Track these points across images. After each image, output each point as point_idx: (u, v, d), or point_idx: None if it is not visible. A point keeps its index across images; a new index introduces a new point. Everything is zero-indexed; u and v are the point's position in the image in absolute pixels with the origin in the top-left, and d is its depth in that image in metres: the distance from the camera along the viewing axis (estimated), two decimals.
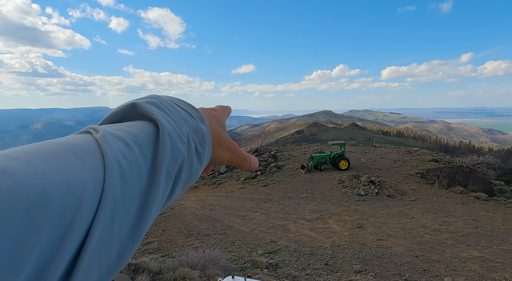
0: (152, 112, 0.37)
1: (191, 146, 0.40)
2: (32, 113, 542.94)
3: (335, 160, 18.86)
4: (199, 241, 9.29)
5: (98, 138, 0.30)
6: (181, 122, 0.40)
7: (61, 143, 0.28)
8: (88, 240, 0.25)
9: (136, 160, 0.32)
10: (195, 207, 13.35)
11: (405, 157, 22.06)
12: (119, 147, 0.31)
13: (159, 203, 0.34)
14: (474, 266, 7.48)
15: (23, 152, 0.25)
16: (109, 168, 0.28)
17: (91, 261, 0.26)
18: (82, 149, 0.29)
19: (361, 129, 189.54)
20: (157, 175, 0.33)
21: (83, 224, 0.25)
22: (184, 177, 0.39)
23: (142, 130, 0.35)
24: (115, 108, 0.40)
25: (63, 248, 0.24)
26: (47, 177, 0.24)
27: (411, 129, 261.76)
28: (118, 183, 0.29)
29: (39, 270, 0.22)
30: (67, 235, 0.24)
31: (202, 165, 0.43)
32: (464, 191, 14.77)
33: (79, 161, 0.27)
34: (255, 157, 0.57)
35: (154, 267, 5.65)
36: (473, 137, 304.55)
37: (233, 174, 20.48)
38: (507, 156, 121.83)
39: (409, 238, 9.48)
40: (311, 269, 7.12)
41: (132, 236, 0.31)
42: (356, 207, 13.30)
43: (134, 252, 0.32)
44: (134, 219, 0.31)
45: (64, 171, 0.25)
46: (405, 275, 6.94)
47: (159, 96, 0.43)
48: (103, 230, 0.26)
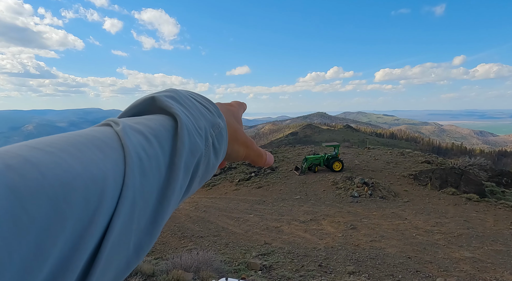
0: (171, 106, 0.37)
1: (209, 141, 0.40)
2: (24, 115, 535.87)
3: (329, 161, 18.92)
4: (193, 243, 9.26)
5: (119, 131, 0.30)
6: (199, 117, 0.40)
7: (83, 134, 0.29)
8: (109, 232, 0.25)
9: (155, 154, 0.32)
10: (189, 209, 13.30)
11: (398, 158, 22.24)
12: (138, 140, 0.31)
13: (177, 197, 0.34)
14: (465, 267, 7.56)
15: (46, 143, 0.25)
16: (129, 161, 0.28)
17: (111, 254, 0.26)
18: (103, 141, 0.29)
19: (355, 131, 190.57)
20: (176, 169, 0.33)
21: (105, 216, 0.25)
22: (201, 172, 0.39)
23: (161, 124, 0.35)
24: (134, 102, 0.40)
25: (86, 238, 0.24)
26: (70, 168, 0.24)
27: (404, 131, 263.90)
28: (138, 176, 0.29)
29: (63, 260, 0.22)
30: (90, 226, 0.24)
31: (219, 160, 0.43)
32: (456, 192, 14.92)
33: (100, 153, 0.27)
34: (271, 154, 0.56)
35: (148, 270, 5.61)
36: (465, 139, 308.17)
37: (227, 176, 20.44)
38: (498, 157, 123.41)
39: (402, 239, 9.55)
40: (305, 270, 7.14)
41: (150, 230, 0.31)
42: (350, 208, 13.36)
43: (151, 246, 0.32)
44: (152, 212, 0.31)
45: (86, 163, 0.25)
46: (398, 276, 6.99)
47: (178, 91, 0.42)
48: (123, 222, 0.27)
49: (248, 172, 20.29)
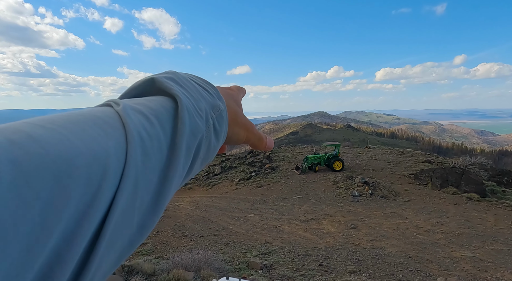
0: (171, 87, 0.37)
1: (209, 123, 0.40)
2: (25, 114, 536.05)
3: (329, 161, 18.92)
4: (194, 242, 9.27)
5: (119, 110, 0.30)
6: (199, 98, 0.40)
7: (84, 114, 0.29)
8: (112, 209, 0.26)
9: (156, 134, 0.32)
10: (190, 208, 13.31)
11: (399, 158, 22.23)
12: (139, 120, 0.31)
13: (179, 177, 0.34)
14: (466, 266, 7.56)
15: (48, 121, 0.25)
16: (131, 140, 0.28)
17: (115, 231, 0.26)
18: (104, 120, 0.29)
19: (355, 130, 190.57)
20: (177, 149, 0.33)
21: (108, 193, 0.25)
22: (202, 153, 0.39)
23: (161, 105, 0.35)
24: (134, 83, 0.40)
25: (90, 215, 0.24)
26: (73, 145, 0.24)
27: (404, 131, 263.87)
28: (140, 155, 0.29)
29: (68, 235, 0.23)
30: (93, 202, 0.24)
31: (220, 142, 0.44)
32: (457, 191, 14.91)
33: (102, 132, 0.27)
34: (271, 138, 0.57)
35: (148, 269, 5.62)
36: (465, 139, 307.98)
37: (227, 175, 20.46)
38: (498, 157, 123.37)
39: (402, 239, 9.55)
40: (305, 270, 7.14)
41: (153, 209, 0.31)
42: (350, 207, 13.36)
43: (154, 225, 0.32)
44: (154, 192, 0.31)
45: (88, 140, 0.25)
46: (399, 275, 6.99)
47: (177, 72, 0.42)
48: (126, 201, 0.27)
49: (249, 171, 20.30)
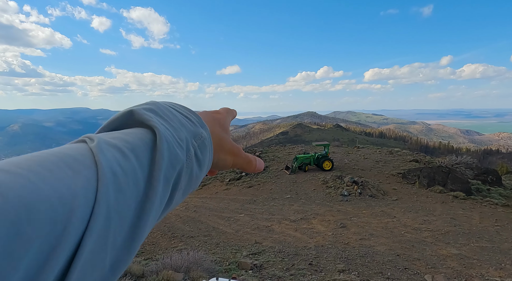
0: (149, 119, 0.37)
1: (190, 152, 0.39)
2: (9, 114, 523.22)
3: (319, 160, 19.05)
4: (183, 243, 9.21)
5: (93, 147, 0.30)
6: (179, 128, 0.40)
7: (55, 153, 0.28)
8: (80, 249, 0.25)
9: (132, 168, 0.31)
10: (179, 209, 13.21)
11: (387, 157, 22.52)
12: (114, 156, 0.31)
13: (157, 211, 0.34)
14: (452, 263, 7.70)
15: (15, 164, 0.25)
16: (102, 177, 0.28)
17: (84, 272, 0.26)
18: (75, 159, 0.28)
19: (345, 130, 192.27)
20: (154, 182, 0.33)
21: (75, 233, 0.25)
22: (183, 183, 0.39)
23: (139, 138, 0.35)
24: (113, 116, 0.39)
25: (54, 258, 0.23)
26: (37, 189, 0.24)
27: (392, 131, 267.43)
28: (112, 192, 0.28)
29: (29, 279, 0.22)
30: (58, 245, 0.24)
31: (203, 170, 0.43)
32: (443, 190, 15.19)
33: (71, 172, 0.27)
34: (260, 159, 0.56)
35: (137, 270, 5.56)
36: (451, 138, 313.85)
37: (217, 175, 20.37)
38: (483, 156, 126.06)
39: (391, 237, 9.67)
40: (295, 269, 7.16)
41: (128, 246, 0.30)
42: (340, 207, 13.47)
43: (129, 263, 0.31)
44: (130, 228, 0.30)
45: (54, 182, 0.25)
46: (387, 273, 7.08)
47: (158, 103, 0.42)
48: (96, 239, 0.26)
49: (239, 171, 20.26)
